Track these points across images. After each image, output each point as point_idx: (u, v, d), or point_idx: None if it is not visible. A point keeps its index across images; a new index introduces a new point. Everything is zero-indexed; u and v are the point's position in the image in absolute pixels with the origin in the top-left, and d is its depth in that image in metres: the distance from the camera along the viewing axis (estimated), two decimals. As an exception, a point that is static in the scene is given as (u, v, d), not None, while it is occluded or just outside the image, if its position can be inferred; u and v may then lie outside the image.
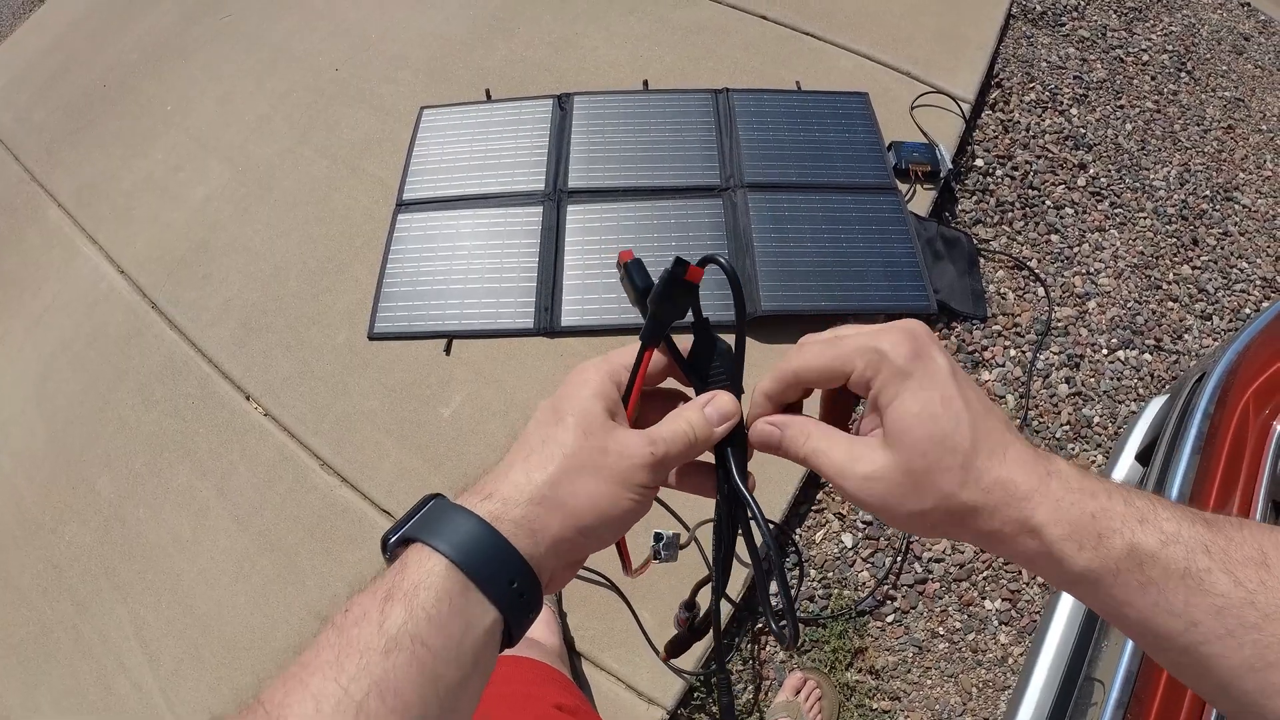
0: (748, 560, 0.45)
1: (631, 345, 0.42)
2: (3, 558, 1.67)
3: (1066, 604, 1.09)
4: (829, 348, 0.39)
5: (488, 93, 2.12)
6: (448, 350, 1.73)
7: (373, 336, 1.76)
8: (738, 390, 0.42)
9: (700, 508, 0.53)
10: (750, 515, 0.42)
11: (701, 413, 0.41)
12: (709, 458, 0.43)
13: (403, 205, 1.91)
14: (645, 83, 2.10)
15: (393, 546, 0.37)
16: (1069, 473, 0.35)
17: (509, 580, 0.35)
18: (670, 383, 0.45)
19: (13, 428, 1.85)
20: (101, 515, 1.68)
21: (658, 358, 0.42)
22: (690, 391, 0.44)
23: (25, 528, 1.70)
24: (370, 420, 1.70)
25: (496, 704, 0.81)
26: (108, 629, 1.56)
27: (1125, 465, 1.29)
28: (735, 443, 0.42)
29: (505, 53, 2.32)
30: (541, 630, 1.36)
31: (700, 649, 1.44)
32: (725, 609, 1.49)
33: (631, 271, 0.41)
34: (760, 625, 1.54)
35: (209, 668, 1.49)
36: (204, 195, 2.14)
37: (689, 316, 0.42)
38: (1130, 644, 0.86)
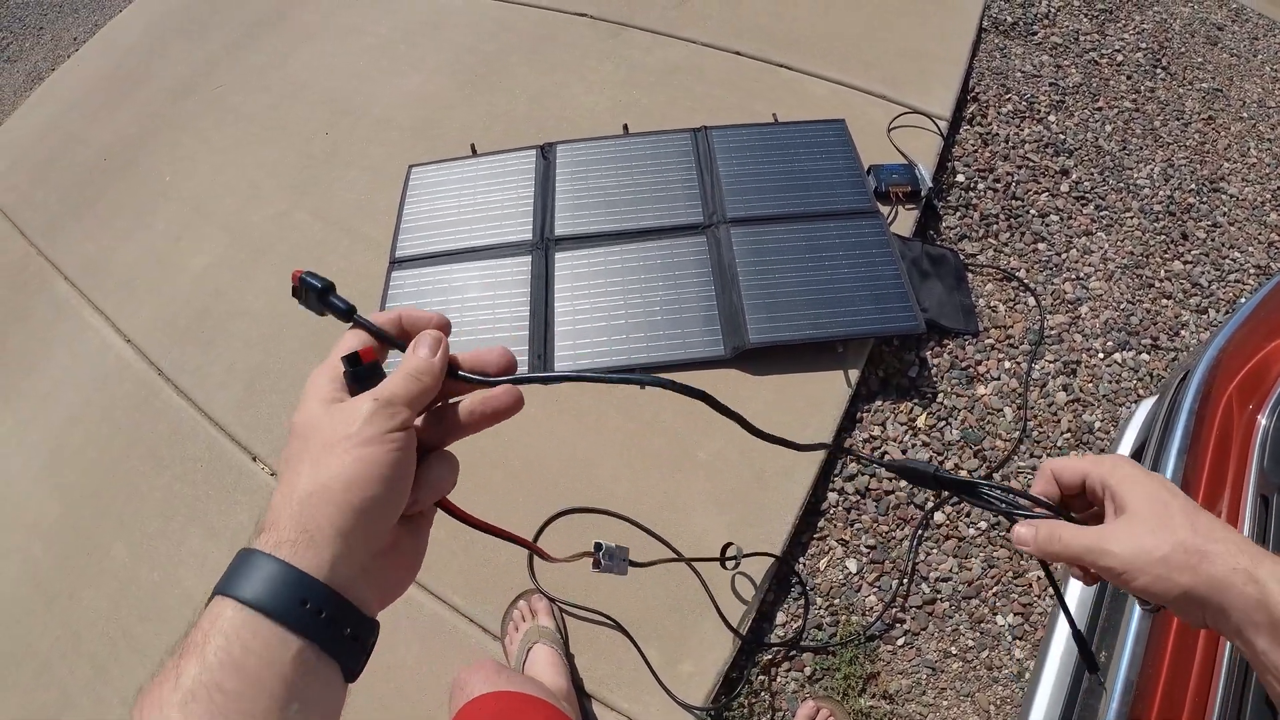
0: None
1: (345, 337, 0.44)
2: (24, 626, 1.71)
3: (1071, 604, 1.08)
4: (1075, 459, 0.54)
5: (473, 147, 2.17)
6: (445, 402, 1.76)
7: (372, 393, 1.79)
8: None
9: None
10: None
11: (414, 354, 0.42)
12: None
13: (396, 263, 1.95)
14: (625, 127, 2.14)
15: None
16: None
17: (300, 600, 0.34)
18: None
19: (29, 498, 1.89)
20: (117, 580, 1.71)
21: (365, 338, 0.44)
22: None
23: (44, 596, 1.73)
24: (374, 475, 1.73)
25: None
26: (127, 692, 1.58)
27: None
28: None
29: (488, 108, 2.38)
30: (549, 673, 1.37)
31: (709, 681, 1.45)
32: (729, 639, 1.49)
33: (306, 282, 0.45)
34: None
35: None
36: (204, 263, 2.20)
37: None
38: (1132, 638, 0.86)
